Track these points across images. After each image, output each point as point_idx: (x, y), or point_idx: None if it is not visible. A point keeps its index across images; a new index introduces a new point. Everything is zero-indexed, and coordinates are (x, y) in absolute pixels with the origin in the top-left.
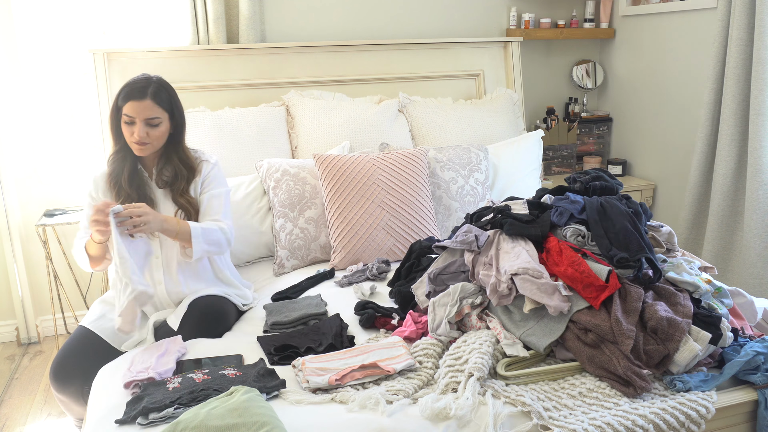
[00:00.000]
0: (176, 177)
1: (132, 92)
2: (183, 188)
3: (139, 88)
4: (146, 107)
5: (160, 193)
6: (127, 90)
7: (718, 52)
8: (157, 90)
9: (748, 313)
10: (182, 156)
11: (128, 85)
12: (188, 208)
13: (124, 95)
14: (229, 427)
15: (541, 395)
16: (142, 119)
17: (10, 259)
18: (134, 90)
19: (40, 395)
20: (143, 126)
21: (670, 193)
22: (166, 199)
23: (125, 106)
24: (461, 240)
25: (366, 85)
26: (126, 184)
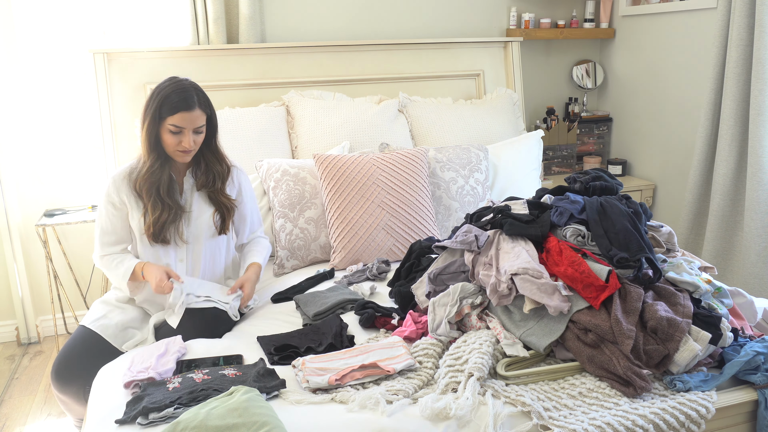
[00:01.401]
0: (213, 178)
1: (180, 103)
2: (220, 188)
3: (186, 98)
4: (196, 117)
5: (194, 197)
6: (172, 101)
7: (718, 52)
8: (199, 97)
9: (748, 313)
10: (217, 155)
11: (169, 95)
12: (227, 207)
13: (170, 106)
14: (229, 427)
15: (541, 395)
16: (191, 129)
17: (10, 259)
18: (181, 101)
19: (40, 395)
20: (192, 135)
21: (670, 193)
22: (200, 201)
23: (173, 117)
24: (461, 240)
25: (366, 85)
26: (165, 195)
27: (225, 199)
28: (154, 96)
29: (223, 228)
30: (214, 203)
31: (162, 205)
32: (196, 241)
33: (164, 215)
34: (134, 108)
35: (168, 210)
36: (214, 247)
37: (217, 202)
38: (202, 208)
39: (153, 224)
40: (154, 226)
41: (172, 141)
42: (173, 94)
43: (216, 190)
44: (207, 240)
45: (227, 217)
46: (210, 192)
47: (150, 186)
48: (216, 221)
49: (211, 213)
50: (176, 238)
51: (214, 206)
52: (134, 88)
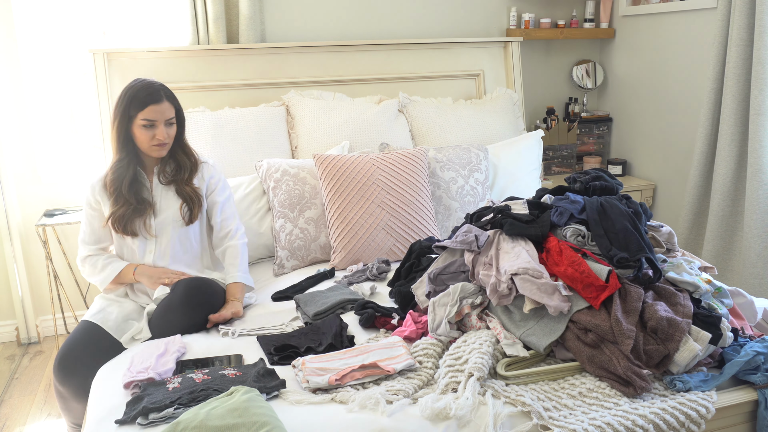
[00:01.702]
0: (179, 169)
1: (148, 97)
2: (187, 178)
3: (153, 91)
4: (166, 108)
5: (161, 191)
6: (141, 96)
7: (718, 52)
8: (165, 90)
9: (748, 313)
10: (185, 149)
11: (139, 91)
12: (192, 198)
13: (139, 101)
14: (229, 427)
15: (541, 395)
16: (162, 121)
17: (10, 259)
18: (149, 95)
19: (40, 395)
20: (165, 127)
21: (670, 193)
22: (167, 194)
23: (144, 111)
24: (461, 240)
25: (366, 85)
26: (126, 191)
27: (191, 190)
28: (122, 96)
29: (191, 218)
30: (181, 195)
31: (122, 199)
32: (163, 232)
33: (123, 208)
34: None
35: (127, 204)
36: (183, 237)
37: (184, 193)
38: (170, 201)
39: (113, 215)
40: (113, 217)
41: (145, 136)
42: (140, 90)
43: (182, 180)
44: (174, 231)
45: (194, 207)
46: (176, 184)
47: (114, 180)
48: (184, 213)
49: (179, 205)
50: (143, 231)
51: (181, 198)
52: None
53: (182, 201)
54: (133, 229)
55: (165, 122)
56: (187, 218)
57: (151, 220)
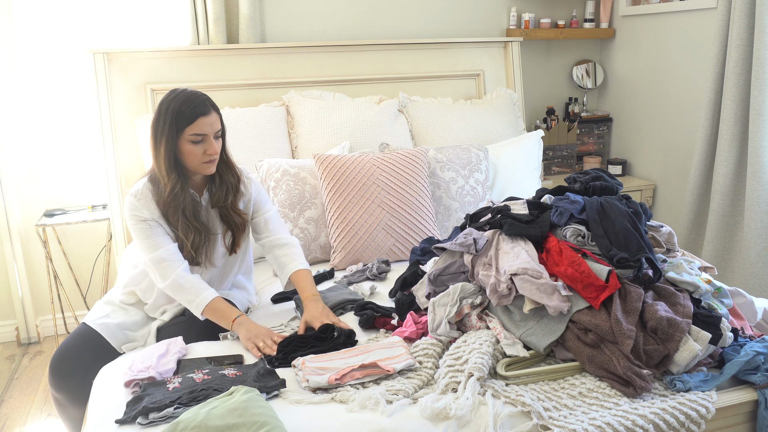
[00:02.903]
0: (227, 191)
1: (197, 109)
2: (232, 202)
3: (199, 103)
4: (214, 120)
5: (210, 214)
6: (188, 109)
7: (718, 52)
8: (212, 101)
9: (748, 313)
10: (229, 164)
11: (183, 103)
12: (239, 225)
13: (187, 116)
14: (229, 427)
15: (541, 395)
16: (212, 134)
17: (10, 259)
18: (197, 107)
19: (40, 395)
20: (215, 140)
21: (670, 193)
22: (215, 219)
23: (192, 125)
24: (460, 242)
25: (366, 85)
26: (191, 217)
27: (236, 216)
28: (163, 113)
29: (234, 248)
30: (225, 222)
31: (192, 228)
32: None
33: (197, 238)
34: (134, 108)
35: (198, 232)
36: (226, 263)
37: (228, 220)
38: (216, 227)
39: (191, 249)
40: (192, 251)
41: (196, 152)
42: (184, 104)
43: (228, 207)
44: (219, 260)
45: (238, 236)
46: (222, 209)
47: (175, 209)
48: (227, 242)
49: (223, 232)
50: (206, 261)
51: (225, 225)
52: (134, 88)
53: (225, 228)
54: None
55: (214, 135)
56: (230, 248)
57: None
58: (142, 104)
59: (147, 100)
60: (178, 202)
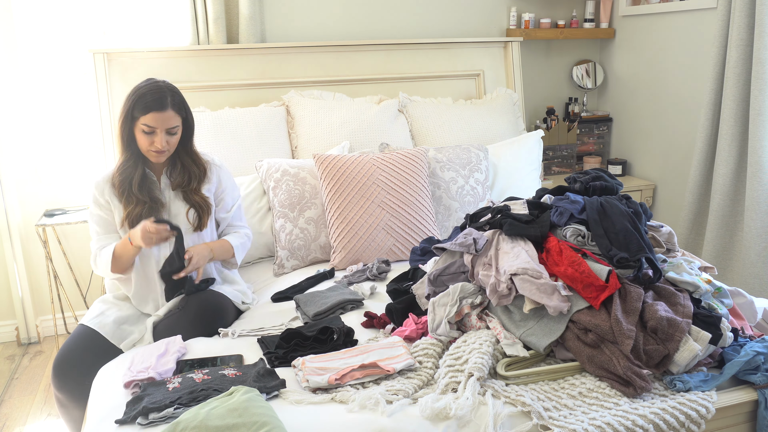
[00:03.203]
0: (189, 177)
1: (152, 103)
2: (195, 187)
3: (158, 98)
4: (168, 117)
5: (171, 194)
6: (145, 101)
7: (718, 52)
8: (173, 98)
9: (748, 313)
10: (193, 157)
11: (143, 95)
12: (201, 206)
13: (142, 106)
14: (229, 427)
15: (541, 395)
16: (163, 129)
17: (10, 259)
18: (154, 101)
19: (40, 395)
20: (164, 135)
21: (670, 193)
22: (177, 199)
23: (145, 116)
24: (460, 243)
25: (366, 85)
26: (136, 190)
27: (200, 199)
28: (129, 95)
29: (200, 225)
30: (189, 202)
31: (135, 198)
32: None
33: (138, 208)
34: None
35: (141, 204)
36: (198, 242)
37: (192, 201)
38: (179, 206)
39: (128, 216)
40: (129, 218)
41: (144, 141)
42: (148, 94)
43: (191, 190)
44: (188, 235)
45: (203, 215)
46: (184, 192)
47: (122, 181)
48: (192, 218)
49: (186, 211)
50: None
51: (189, 205)
52: None
53: (188, 207)
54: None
55: (166, 131)
56: (195, 224)
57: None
58: None
59: None
60: (126, 175)
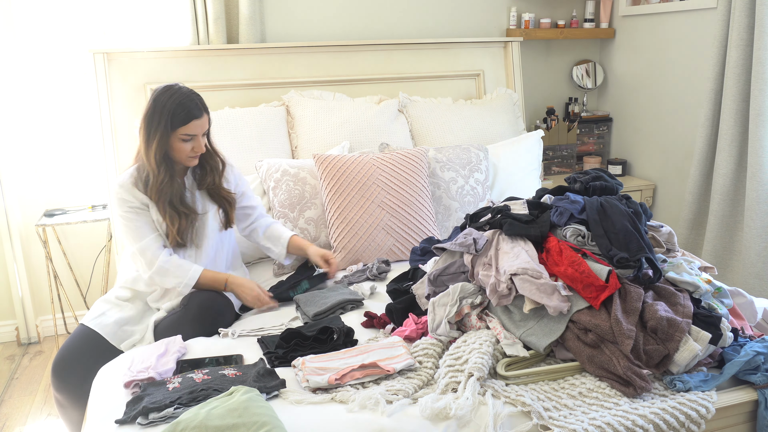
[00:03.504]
0: (211, 173)
1: (191, 113)
2: (219, 182)
3: (194, 106)
4: (205, 122)
5: (197, 195)
6: (182, 111)
7: (718, 52)
8: (202, 102)
9: (748, 313)
10: (213, 150)
11: (179, 106)
12: (229, 202)
13: (182, 117)
14: (229, 427)
15: (541, 395)
16: (201, 133)
17: (10, 259)
18: (192, 110)
19: (40, 395)
20: (202, 138)
21: (670, 193)
22: (203, 199)
23: (185, 126)
24: (460, 243)
25: (366, 85)
26: (180, 205)
27: (225, 193)
28: (158, 110)
29: (228, 222)
30: (216, 200)
31: (179, 215)
32: (206, 238)
33: (183, 222)
34: (134, 108)
35: (185, 217)
36: (218, 243)
37: (219, 197)
38: (206, 206)
39: (177, 234)
40: (177, 235)
41: (184, 149)
42: (180, 105)
43: (215, 186)
44: (212, 237)
45: (230, 211)
46: (210, 189)
47: (163, 198)
48: (221, 217)
49: (215, 210)
50: (190, 241)
51: (216, 203)
52: (134, 88)
53: (218, 206)
54: (184, 241)
55: (202, 134)
56: (224, 222)
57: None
58: (141, 104)
59: (147, 100)
60: (166, 192)
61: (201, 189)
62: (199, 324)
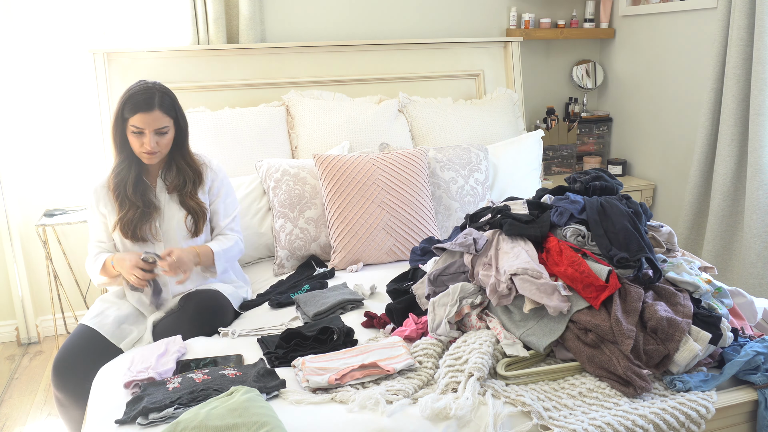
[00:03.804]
0: (184, 181)
1: (139, 104)
2: (191, 192)
3: (145, 99)
4: (155, 118)
5: (165, 198)
6: (132, 102)
7: (718, 52)
8: (162, 98)
9: (748, 313)
10: (188, 159)
11: (132, 96)
12: (197, 211)
13: (130, 107)
14: (228, 427)
15: (541, 395)
16: (151, 130)
17: (10, 259)
18: (140, 102)
19: (40, 395)
20: (153, 136)
21: (670, 193)
22: (172, 203)
23: (133, 117)
24: (460, 243)
25: (366, 85)
26: (131, 193)
27: (195, 204)
28: (120, 97)
29: (196, 231)
30: (185, 207)
31: (128, 202)
32: (172, 240)
33: (130, 212)
34: None
35: (134, 208)
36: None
37: (188, 206)
38: (173, 210)
39: (120, 220)
40: (121, 222)
41: (135, 142)
42: (137, 94)
43: (186, 194)
44: (183, 240)
45: (199, 221)
46: (180, 196)
47: (117, 184)
48: (188, 224)
49: (183, 216)
50: (150, 236)
51: (186, 210)
52: None
53: (186, 213)
54: (142, 234)
55: (155, 131)
56: (192, 231)
57: (158, 225)
58: None
59: None
60: (120, 178)
61: (171, 193)
62: (197, 323)
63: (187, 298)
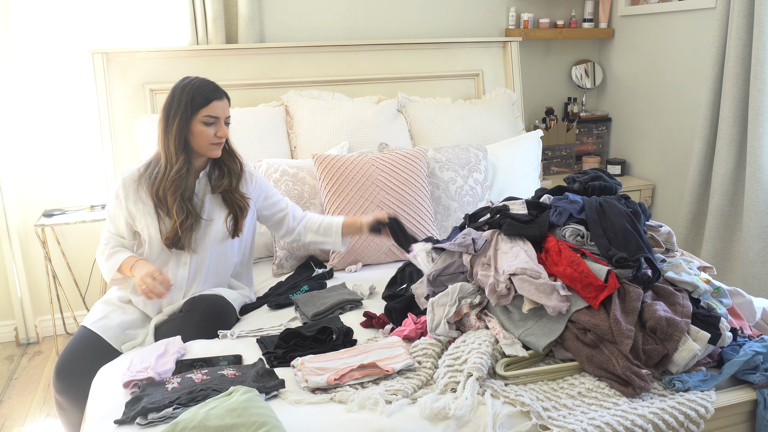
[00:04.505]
0: (228, 175)
1: (211, 93)
2: (236, 186)
3: (214, 87)
4: (226, 106)
5: (208, 199)
6: (203, 93)
7: (717, 52)
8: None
9: (747, 312)
10: (233, 153)
11: (198, 87)
12: (241, 207)
13: (202, 98)
14: (228, 427)
15: (540, 395)
16: (224, 117)
17: (9, 260)
18: (212, 90)
19: (39, 395)
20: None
21: (669, 193)
22: (214, 205)
23: (207, 107)
24: (459, 243)
25: (365, 85)
26: (188, 202)
27: (240, 198)
28: (177, 94)
29: (236, 231)
30: (228, 205)
31: (186, 211)
32: (203, 246)
33: (188, 221)
34: (133, 108)
35: (191, 216)
36: (220, 251)
37: (232, 203)
38: (214, 212)
39: (177, 229)
40: (175, 232)
41: (207, 133)
42: (201, 86)
43: (232, 190)
44: (214, 245)
45: (240, 218)
46: (225, 193)
47: (175, 190)
48: (229, 224)
49: (224, 216)
50: (188, 245)
51: (228, 208)
52: (133, 88)
53: (228, 212)
54: (182, 243)
55: (225, 120)
56: (231, 230)
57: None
58: (141, 104)
59: (146, 100)
60: (180, 184)
61: (215, 193)
62: (202, 329)
63: (192, 303)
